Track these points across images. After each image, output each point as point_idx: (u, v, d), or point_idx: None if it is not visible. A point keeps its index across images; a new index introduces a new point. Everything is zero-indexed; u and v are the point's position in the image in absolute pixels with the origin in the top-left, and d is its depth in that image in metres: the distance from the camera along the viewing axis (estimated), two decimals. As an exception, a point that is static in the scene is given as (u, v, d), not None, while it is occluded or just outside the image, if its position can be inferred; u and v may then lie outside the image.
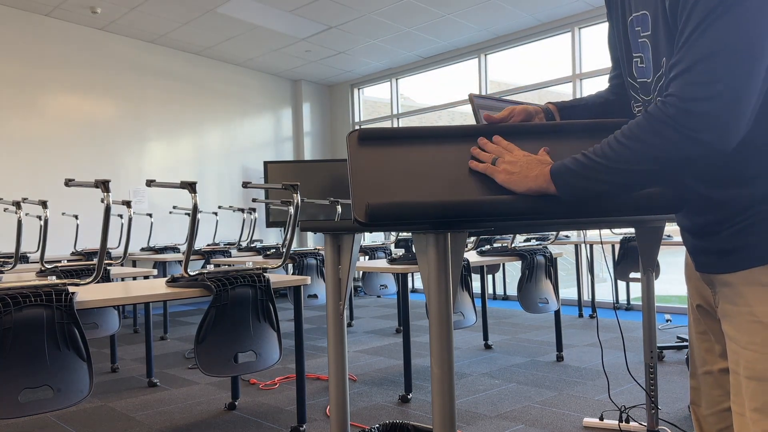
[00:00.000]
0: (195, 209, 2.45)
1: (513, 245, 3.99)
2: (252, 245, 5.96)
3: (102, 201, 2.27)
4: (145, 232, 6.76)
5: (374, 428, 2.20)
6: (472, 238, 4.31)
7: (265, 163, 7.83)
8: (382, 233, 6.86)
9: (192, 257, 2.58)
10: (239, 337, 2.41)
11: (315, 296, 4.17)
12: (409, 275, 4.98)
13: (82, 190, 6.44)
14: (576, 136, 1.16)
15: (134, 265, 6.47)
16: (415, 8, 6.16)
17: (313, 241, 8.71)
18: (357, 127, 1.22)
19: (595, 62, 6.43)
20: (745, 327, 0.98)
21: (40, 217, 3.39)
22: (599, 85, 6.44)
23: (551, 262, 3.82)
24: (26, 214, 5.88)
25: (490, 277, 7.45)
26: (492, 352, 4.32)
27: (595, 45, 6.43)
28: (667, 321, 5.24)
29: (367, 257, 5.20)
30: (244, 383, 3.62)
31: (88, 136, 6.66)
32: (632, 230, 4.93)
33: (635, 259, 4.45)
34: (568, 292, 6.71)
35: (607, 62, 6.19)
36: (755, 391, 0.96)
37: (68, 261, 4.31)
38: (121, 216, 5.85)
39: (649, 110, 0.92)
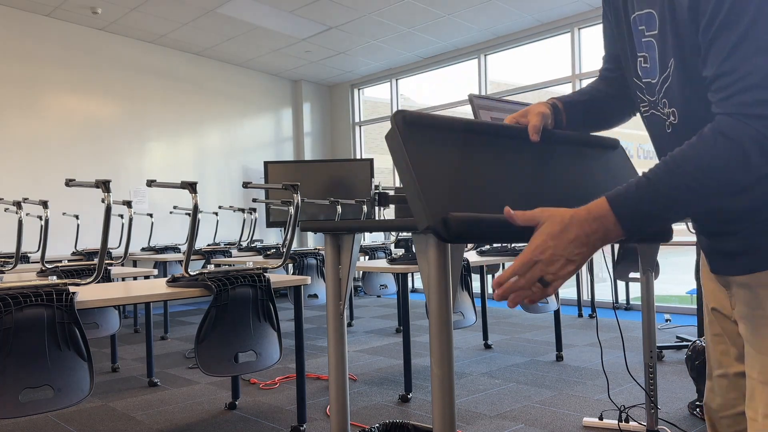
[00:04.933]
0: (195, 209, 2.45)
1: (513, 245, 3.99)
2: (252, 245, 5.97)
3: (102, 201, 2.27)
4: (146, 232, 6.77)
5: (374, 428, 2.20)
6: (472, 238, 4.31)
7: (266, 163, 7.83)
8: (382, 233, 6.86)
9: (192, 257, 2.58)
10: (239, 337, 2.42)
11: (315, 296, 4.18)
12: (409, 275, 4.99)
13: (82, 190, 6.45)
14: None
15: (135, 265, 6.48)
16: (415, 8, 6.16)
17: (313, 241, 8.71)
18: (399, 112, 1.10)
19: (594, 62, 6.43)
20: (760, 330, 0.95)
21: (40, 217, 3.39)
22: (599, 85, 6.43)
23: (551, 262, 3.81)
24: (27, 214, 5.88)
25: (490, 277, 7.45)
26: (492, 351, 4.32)
27: (595, 45, 6.44)
28: (667, 321, 5.25)
29: (367, 257, 5.20)
30: (244, 383, 3.62)
31: (88, 136, 6.67)
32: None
33: (635, 258, 4.45)
34: (567, 291, 6.71)
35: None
36: None
37: (69, 261, 4.31)
38: (121, 216, 5.86)
39: (723, 131, 0.84)
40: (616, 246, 5.02)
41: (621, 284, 6.24)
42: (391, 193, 1.96)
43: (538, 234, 0.93)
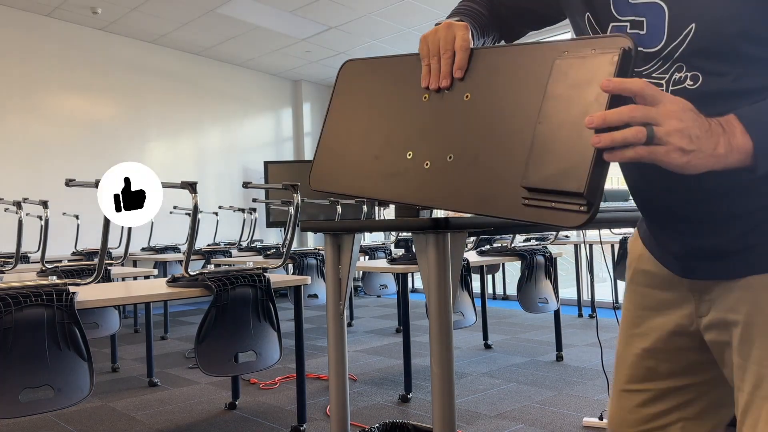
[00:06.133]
0: (195, 209, 2.46)
1: (513, 245, 4.00)
2: (252, 245, 5.97)
3: (102, 201, 2.27)
4: (146, 232, 6.77)
5: (374, 428, 2.20)
6: (472, 238, 4.32)
7: (266, 163, 7.84)
8: (382, 233, 6.86)
9: (192, 257, 2.58)
10: (239, 337, 2.42)
11: (315, 296, 4.18)
12: (409, 275, 4.99)
13: (82, 190, 6.44)
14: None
15: (135, 265, 6.48)
16: (415, 8, 6.16)
17: (313, 241, 8.71)
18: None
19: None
20: (757, 339, 0.84)
21: (40, 217, 3.39)
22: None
23: (551, 262, 3.82)
24: (27, 214, 5.88)
25: (489, 277, 7.45)
26: (492, 351, 4.32)
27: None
28: (667, 321, 5.24)
29: (367, 257, 5.20)
30: (244, 383, 3.62)
31: (88, 137, 6.67)
32: (632, 230, 4.93)
33: (635, 259, 4.45)
34: (567, 291, 6.72)
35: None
36: None
37: (69, 261, 4.31)
38: (121, 216, 5.84)
39: None
40: (616, 246, 5.01)
41: (621, 284, 6.24)
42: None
43: (690, 128, 0.71)
